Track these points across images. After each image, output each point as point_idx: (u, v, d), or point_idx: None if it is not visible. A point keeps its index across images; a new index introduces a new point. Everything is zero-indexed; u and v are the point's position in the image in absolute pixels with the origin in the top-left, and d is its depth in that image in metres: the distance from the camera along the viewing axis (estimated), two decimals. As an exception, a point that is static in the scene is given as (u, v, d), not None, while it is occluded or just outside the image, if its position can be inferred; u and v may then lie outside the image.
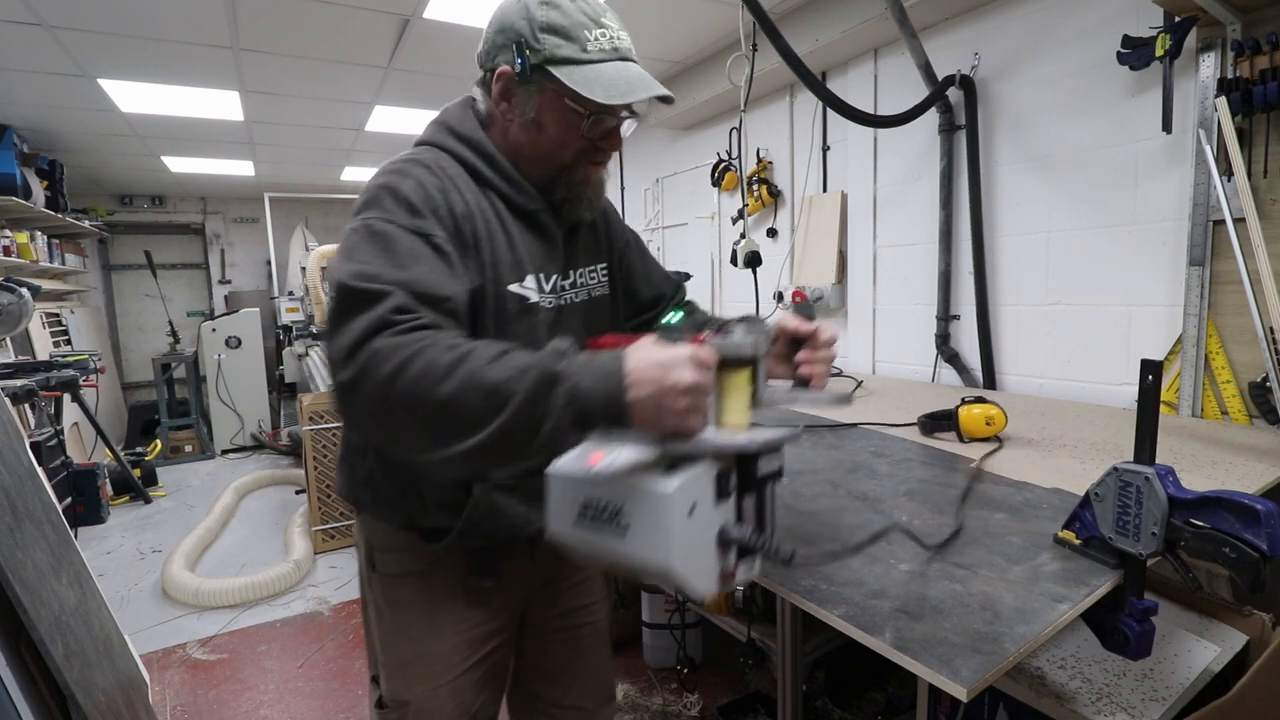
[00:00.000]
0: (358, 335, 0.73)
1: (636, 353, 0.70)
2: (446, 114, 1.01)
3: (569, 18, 0.88)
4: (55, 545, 1.29)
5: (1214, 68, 1.70)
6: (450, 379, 0.69)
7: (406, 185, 0.87)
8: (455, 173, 0.93)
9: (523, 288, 0.95)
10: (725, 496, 0.72)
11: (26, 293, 3.26)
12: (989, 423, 1.55)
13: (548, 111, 0.91)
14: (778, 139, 3.27)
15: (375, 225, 0.83)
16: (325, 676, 2.40)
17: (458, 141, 0.96)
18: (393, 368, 0.70)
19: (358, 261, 0.79)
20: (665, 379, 0.67)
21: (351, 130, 4.67)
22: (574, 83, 0.87)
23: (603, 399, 0.68)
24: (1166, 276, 1.90)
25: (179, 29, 2.88)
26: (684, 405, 0.67)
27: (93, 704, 1.12)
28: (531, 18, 0.88)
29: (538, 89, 0.90)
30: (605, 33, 0.89)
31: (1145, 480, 0.84)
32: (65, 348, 5.02)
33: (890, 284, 2.78)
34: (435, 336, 0.73)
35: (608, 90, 0.87)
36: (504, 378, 0.68)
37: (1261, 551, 0.74)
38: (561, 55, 0.87)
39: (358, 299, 0.75)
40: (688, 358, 0.68)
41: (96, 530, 3.91)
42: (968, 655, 0.74)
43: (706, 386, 0.70)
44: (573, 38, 0.87)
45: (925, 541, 0.97)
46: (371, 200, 0.86)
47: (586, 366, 0.69)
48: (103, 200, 6.82)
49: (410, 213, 0.85)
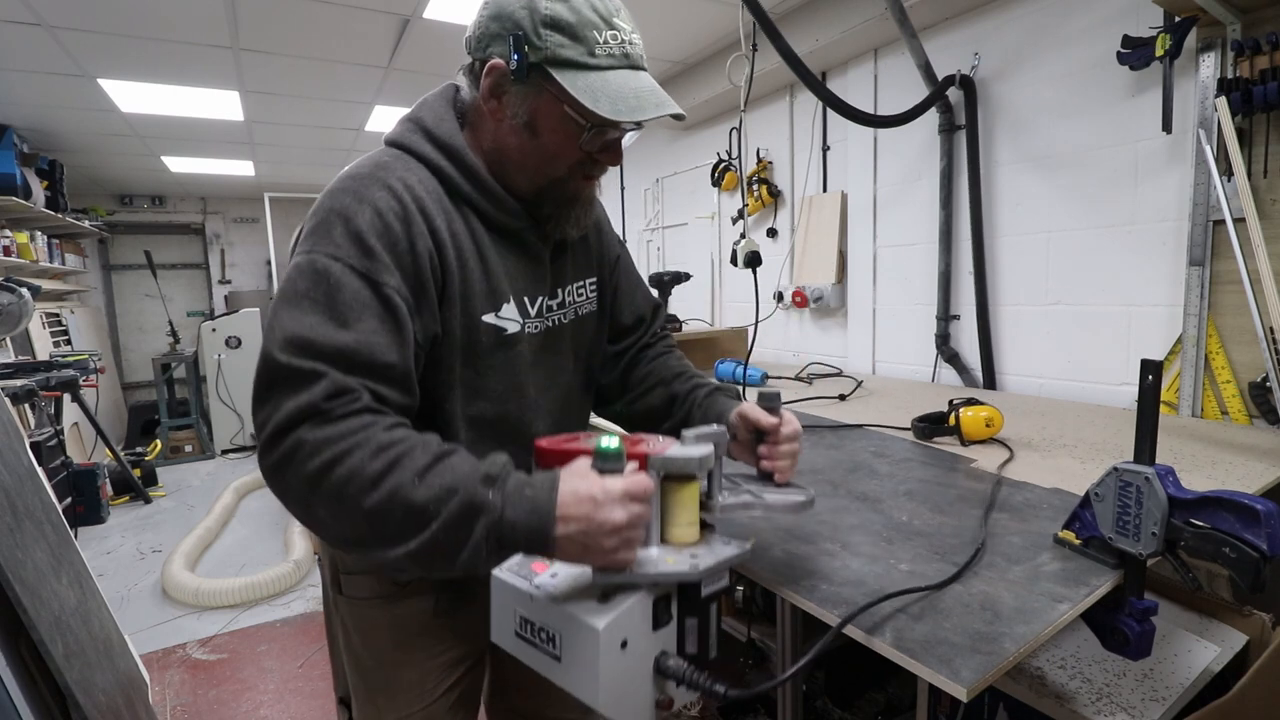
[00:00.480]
0: (282, 421, 0.68)
1: (569, 482, 0.67)
2: (423, 109, 0.89)
3: (577, 14, 0.77)
4: (55, 545, 1.29)
5: (1214, 68, 1.70)
6: (375, 491, 0.66)
7: (363, 216, 0.76)
8: (425, 190, 0.82)
9: (499, 318, 0.87)
10: (665, 623, 0.71)
11: (26, 293, 3.26)
12: (989, 424, 1.56)
13: (543, 117, 0.82)
14: (778, 139, 3.27)
15: (320, 264, 0.74)
16: (325, 676, 2.40)
17: (434, 148, 0.85)
18: (317, 467, 0.67)
19: (294, 320, 0.72)
20: (594, 516, 0.64)
21: (351, 130, 4.67)
22: (577, 91, 0.77)
23: (526, 533, 0.66)
24: (1166, 276, 1.90)
25: (179, 29, 2.88)
26: (612, 545, 0.65)
27: (93, 704, 1.12)
28: (534, 8, 0.77)
29: (534, 90, 0.80)
30: (617, 35, 0.79)
31: (1145, 480, 0.84)
32: (65, 348, 5.02)
33: (890, 284, 2.78)
34: (366, 433, 0.68)
35: (615, 104, 0.77)
36: (427, 499, 0.66)
37: (1261, 551, 0.74)
38: (565, 57, 0.77)
39: (287, 376, 0.69)
40: (620, 493, 0.65)
41: (96, 530, 3.91)
42: (967, 655, 0.74)
43: (640, 519, 0.67)
44: (579, 38, 0.77)
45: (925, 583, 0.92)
46: (321, 227, 0.77)
47: (515, 495, 0.66)
48: (103, 200, 6.83)
49: (362, 252, 0.75)
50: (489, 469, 0.69)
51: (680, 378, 1.08)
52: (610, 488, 0.65)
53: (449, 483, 0.67)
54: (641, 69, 0.83)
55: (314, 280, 0.73)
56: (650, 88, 0.81)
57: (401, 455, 0.68)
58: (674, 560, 0.70)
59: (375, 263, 0.75)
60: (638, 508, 0.66)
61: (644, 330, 1.16)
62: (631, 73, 0.81)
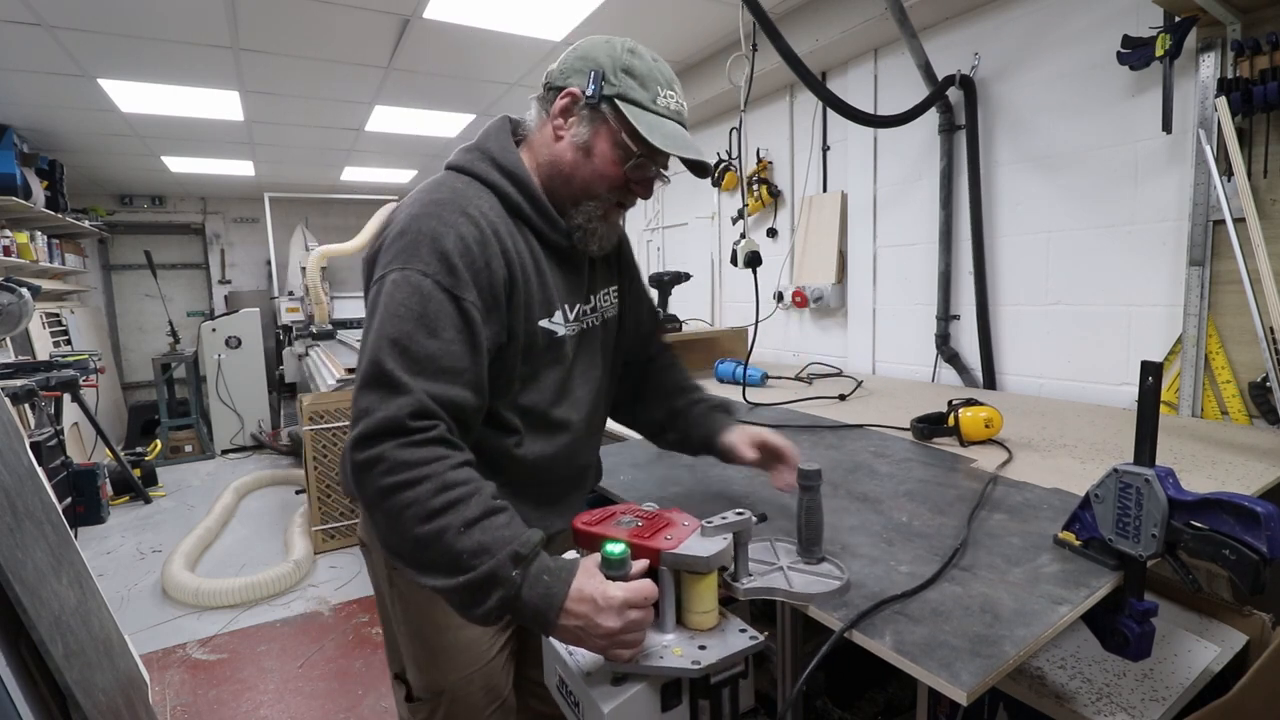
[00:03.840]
0: (374, 428, 0.81)
1: (579, 579, 0.76)
2: (488, 140, 1.02)
3: (648, 70, 0.95)
4: (55, 545, 1.29)
5: (1214, 68, 1.69)
6: (427, 524, 0.77)
7: (449, 240, 0.89)
8: (496, 215, 0.96)
9: (551, 323, 1.01)
10: (674, 705, 0.76)
11: (26, 293, 3.26)
12: (988, 425, 1.56)
13: (601, 140, 0.96)
14: (778, 139, 3.27)
15: (414, 279, 0.87)
16: (325, 676, 2.40)
17: (501, 175, 0.99)
18: (389, 485, 0.79)
19: (395, 325, 0.85)
20: (592, 618, 0.73)
21: (351, 130, 4.67)
22: (638, 122, 0.93)
23: (533, 614, 0.76)
24: (1166, 276, 1.90)
25: (179, 29, 2.88)
26: (602, 645, 0.74)
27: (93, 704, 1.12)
28: (615, 57, 0.95)
29: (599, 118, 0.96)
30: (673, 96, 0.98)
31: (1145, 482, 0.84)
32: (65, 348, 5.02)
33: (890, 284, 2.78)
34: (436, 467, 0.80)
35: (664, 140, 0.93)
36: (464, 549, 0.76)
37: (1261, 554, 0.74)
38: (633, 96, 0.94)
39: (386, 381, 0.83)
40: (620, 603, 0.73)
41: (96, 530, 3.91)
42: (967, 658, 0.74)
43: (636, 625, 0.74)
44: (646, 86, 0.95)
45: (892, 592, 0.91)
46: (412, 246, 0.89)
47: (534, 579, 0.76)
48: (103, 200, 6.83)
49: (447, 270, 0.88)
50: (520, 548, 0.77)
51: (681, 393, 1.24)
52: (611, 596, 0.73)
53: (487, 544, 0.77)
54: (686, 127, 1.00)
55: (410, 293, 0.87)
56: (691, 139, 0.99)
57: (458, 500, 0.79)
58: (681, 651, 0.76)
59: (458, 280, 0.88)
60: (634, 614, 0.73)
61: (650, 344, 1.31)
62: (678, 126, 0.98)
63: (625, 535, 0.78)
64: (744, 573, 0.88)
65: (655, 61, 0.97)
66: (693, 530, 0.80)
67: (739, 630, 0.79)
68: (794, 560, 0.93)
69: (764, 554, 0.96)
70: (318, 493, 3.46)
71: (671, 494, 1.34)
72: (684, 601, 0.79)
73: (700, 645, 0.76)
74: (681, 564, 0.77)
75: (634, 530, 0.80)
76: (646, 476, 1.46)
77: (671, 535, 0.79)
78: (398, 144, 5.10)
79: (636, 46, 0.97)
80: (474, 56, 3.30)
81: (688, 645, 0.76)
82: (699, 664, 0.73)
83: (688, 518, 0.83)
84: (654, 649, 0.76)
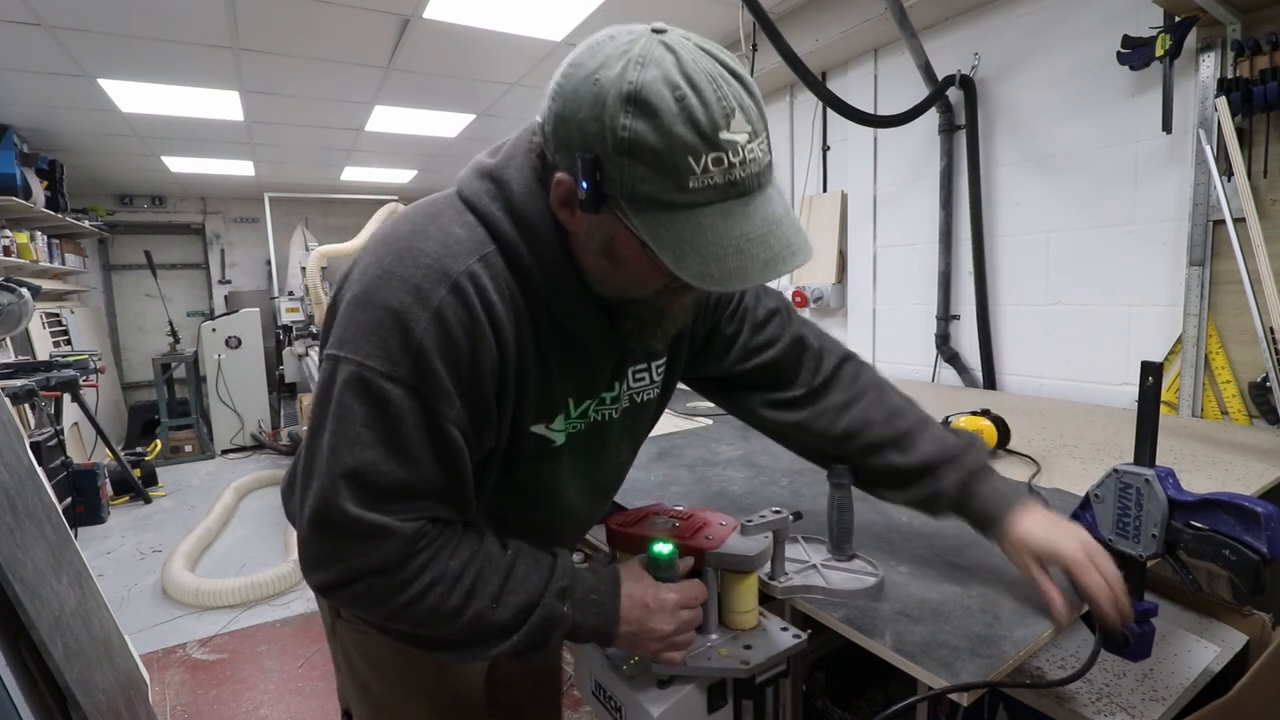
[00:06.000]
0: (354, 573, 0.67)
1: (627, 586, 0.74)
2: (509, 169, 0.70)
3: (667, 137, 0.56)
4: (55, 545, 1.29)
5: (1214, 68, 1.69)
6: (458, 620, 0.70)
7: (425, 330, 0.64)
8: (496, 289, 0.68)
9: (549, 429, 0.79)
10: (720, 706, 0.76)
11: (26, 293, 3.26)
12: None
13: (623, 248, 0.66)
14: (778, 139, 3.27)
15: (376, 387, 0.65)
16: (325, 676, 2.40)
17: (518, 233, 0.69)
18: (396, 606, 0.68)
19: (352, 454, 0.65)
20: (645, 622, 0.72)
21: (351, 130, 4.67)
22: (658, 243, 0.60)
23: (593, 634, 0.74)
24: (1166, 276, 1.90)
25: (179, 29, 2.88)
26: (657, 648, 0.73)
27: (93, 704, 1.12)
28: (612, 127, 0.57)
29: (611, 219, 0.64)
30: (722, 159, 0.57)
31: (1145, 482, 0.84)
32: (65, 348, 5.02)
33: (890, 284, 2.78)
34: (438, 569, 0.68)
35: (705, 265, 0.59)
36: (507, 619, 0.71)
37: (1261, 554, 0.74)
38: (645, 193, 0.59)
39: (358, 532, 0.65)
40: (673, 605, 0.72)
41: (96, 530, 3.91)
42: (968, 658, 0.74)
43: (689, 625, 0.73)
44: (667, 169, 0.57)
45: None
46: (374, 331, 0.65)
47: (583, 603, 0.73)
48: (103, 200, 6.82)
49: (421, 374, 0.65)
50: (561, 581, 0.73)
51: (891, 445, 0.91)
52: (664, 599, 0.72)
53: (524, 602, 0.71)
54: (756, 192, 0.62)
55: (372, 407, 0.65)
56: (761, 232, 0.60)
57: (476, 582, 0.70)
58: (727, 652, 0.76)
59: (436, 388, 0.66)
60: (687, 615, 0.73)
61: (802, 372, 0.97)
62: (740, 204, 0.60)
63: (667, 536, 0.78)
64: (780, 571, 0.88)
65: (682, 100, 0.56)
66: (731, 529, 0.80)
67: (781, 629, 0.79)
68: (826, 558, 0.93)
69: (795, 553, 0.95)
70: (318, 493, 3.46)
71: (672, 494, 1.34)
72: (726, 601, 0.79)
73: (745, 645, 0.77)
74: (726, 563, 0.77)
75: (672, 530, 0.80)
76: (646, 476, 1.46)
77: (711, 535, 0.79)
78: (398, 144, 5.09)
79: (645, 82, 0.56)
80: (474, 56, 3.30)
81: (733, 645, 0.77)
82: (747, 664, 0.73)
83: (722, 517, 0.83)
84: (700, 650, 0.76)
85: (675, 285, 0.68)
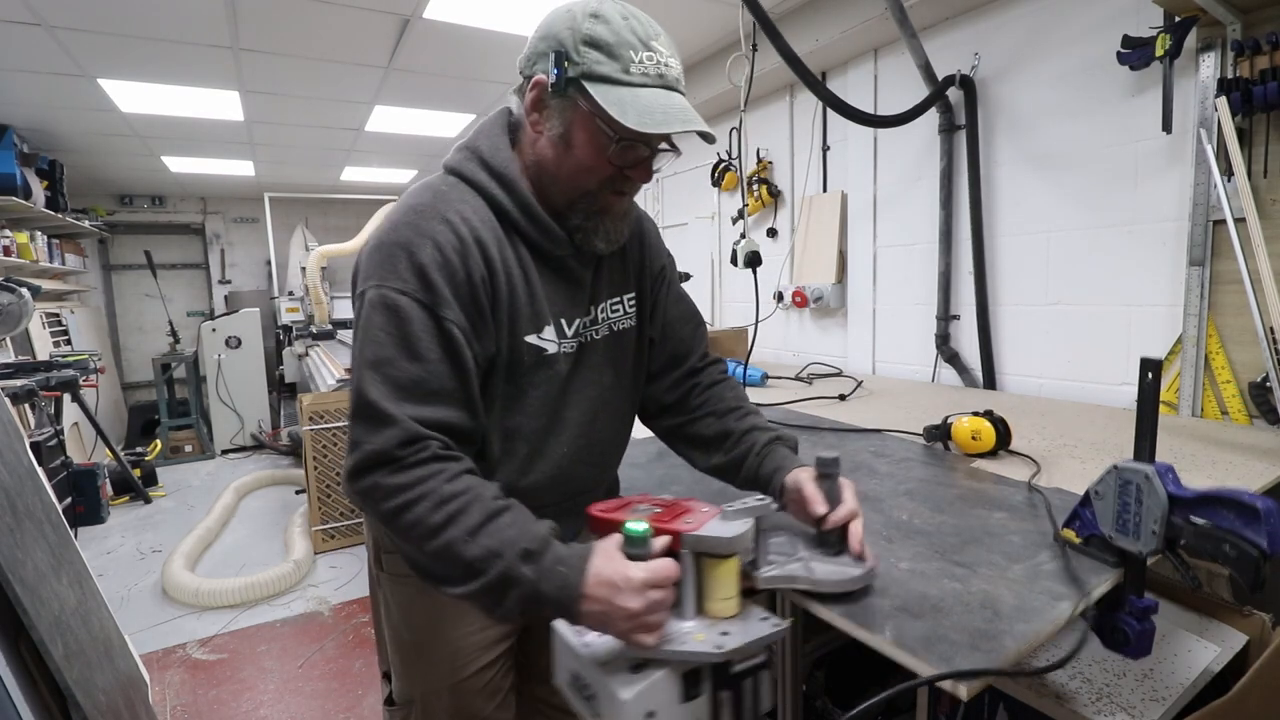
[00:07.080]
0: (362, 461, 0.80)
1: (596, 563, 0.74)
2: (480, 137, 0.94)
3: (616, 35, 0.82)
4: (55, 545, 1.29)
5: (1214, 68, 1.70)
6: (434, 540, 0.77)
7: (425, 251, 0.83)
8: (479, 220, 0.88)
9: (540, 339, 0.93)
10: (694, 696, 0.74)
11: (26, 293, 3.26)
12: (975, 438, 1.50)
13: (578, 130, 0.86)
14: (778, 139, 3.27)
15: (390, 299, 0.83)
16: (325, 676, 2.40)
17: (490, 177, 0.91)
18: (389, 510, 0.79)
19: (374, 350, 0.82)
20: (613, 600, 0.71)
21: (351, 130, 4.67)
22: (606, 102, 0.81)
23: (555, 605, 0.75)
24: (1166, 276, 1.90)
25: (179, 29, 2.88)
26: (626, 627, 0.72)
27: (93, 704, 1.12)
28: (576, 29, 0.83)
29: (570, 104, 0.85)
30: (653, 56, 0.84)
31: (1145, 478, 0.84)
32: (65, 348, 5.02)
33: (890, 284, 2.78)
34: (431, 484, 0.78)
35: (640, 116, 0.81)
36: (474, 556, 0.76)
37: (1261, 549, 0.74)
38: (600, 73, 0.82)
39: (371, 414, 0.80)
40: (640, 583, 0.71)
41: (96, 530, 3.91)
42: (968, 654, 0.74)
43: (658, 606, 0.72)
44: (615, 56, 0.82)
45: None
46: (388, 261, 0.84)
47: (549, 571, 0.75)
48: (103, 200, 6.82)
49: (425, 287, 0.83)
50: (529, 543, 0.76)
51: (735, 413, 1.10)
52: (631, 576, 0.71)
53: (495, 547, 0.76)
54: (676, 90, 0.86)
55: (387, 316, 0.83)
56: (681, 106, 0.84)
57: (459, 511, 0.77)
58: (703, 638, 0.74)
59: (437, 296, 0.83)
60: (657, 594, 0.72)
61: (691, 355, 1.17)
62: (665, 92, 0.84)
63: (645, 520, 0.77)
64: (763, 562, 0.86)
65: (626, 19, 0.84)
66: (712, 515, 0.79)
67: (760, 618, 0.77)
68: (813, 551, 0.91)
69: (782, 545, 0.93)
70: (318, 493, 3.46)
71: (672, 493, 1.34)
72: (705, 588, 0.78)
73: (723, 632, 0.75)
74: (703, 546, 0.75)
75: (653, 516, 0.79)
76: (646, 476, 1.46)
77: (691, 520, 0.78)
78: (398, 144, 5.10)
79: (601, 7, 0.84)
80: (474, 56, 3.31)
81: (709, 632, 0.74)
82: (721, 649, 0.71)
83: (706, 505, 0.82)
84: (675, 635, 0.74)
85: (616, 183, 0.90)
